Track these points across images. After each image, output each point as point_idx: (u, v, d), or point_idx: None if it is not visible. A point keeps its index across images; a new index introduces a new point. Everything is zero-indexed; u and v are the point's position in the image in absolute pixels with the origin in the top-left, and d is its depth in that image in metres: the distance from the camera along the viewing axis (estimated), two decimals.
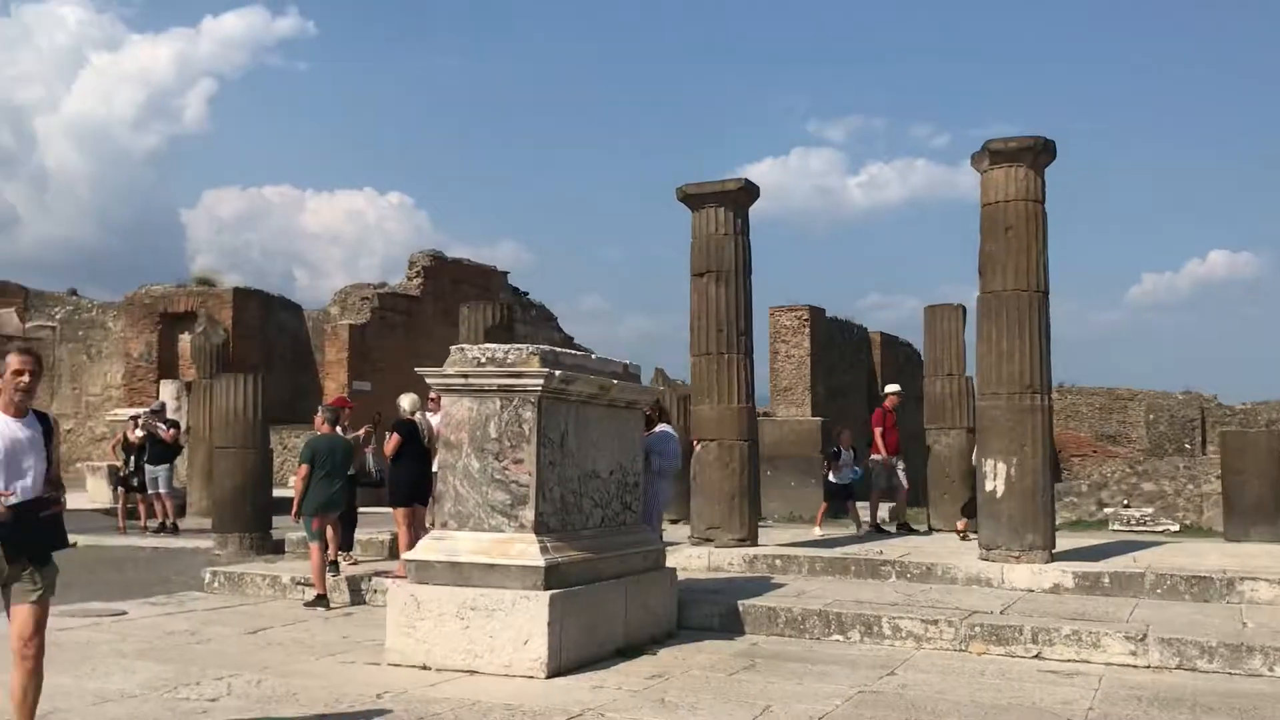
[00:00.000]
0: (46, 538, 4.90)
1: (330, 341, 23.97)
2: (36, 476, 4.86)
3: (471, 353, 7.56)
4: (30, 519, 4.77)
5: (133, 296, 28.95)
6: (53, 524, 4.94)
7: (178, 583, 11.49)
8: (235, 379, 13.33)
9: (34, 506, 4.80)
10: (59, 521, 4.98)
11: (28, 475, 4.83)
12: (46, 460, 4.95)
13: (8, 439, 4.83)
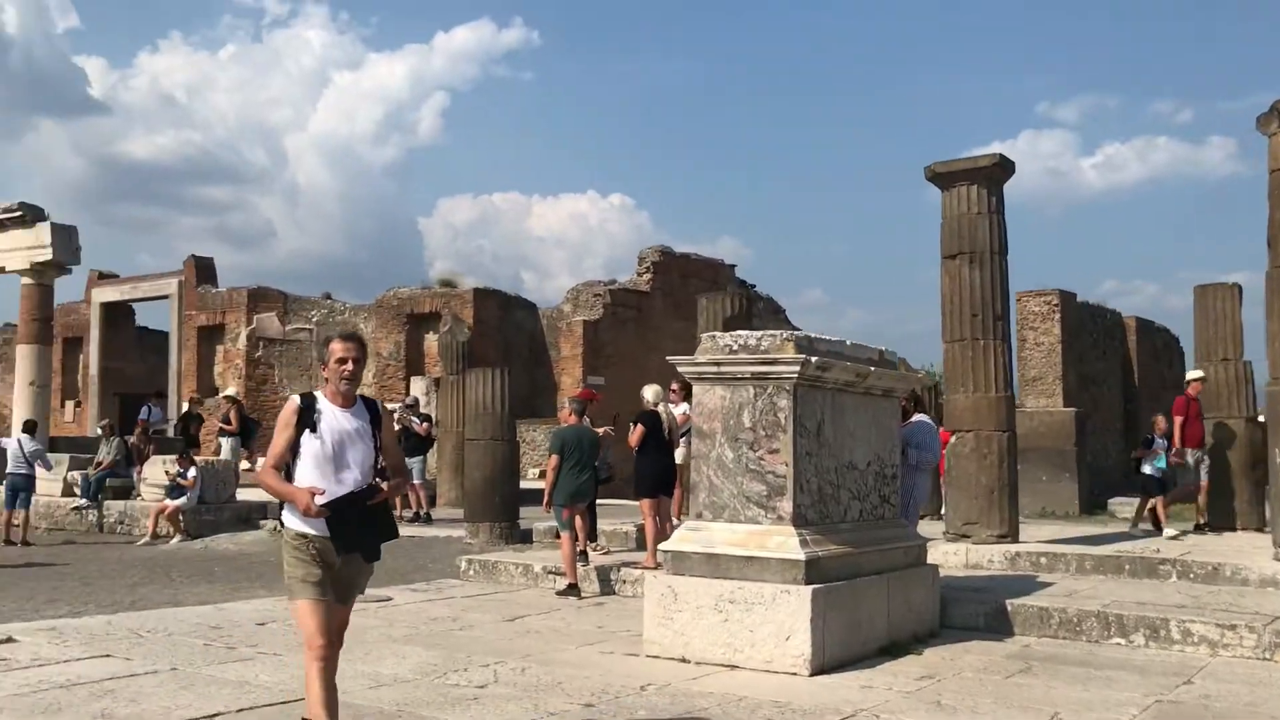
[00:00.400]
0: (375, 530, 4.64)
1: (565, 338, 24.44)
2: (365, 468, 4.62)
3: (723, 339, 7.39)
4: (359, 510, 4.51)
5: (382, 299, 30.43)
6: (382, 514, 4.66)
7: (435, 570, 11.88)
8: (484, 374, 13.69)
9: (361, 496, 4.52)
10: (388, 512, 4.72)
11: (355, 467, 4.59)
12: (375, 449, 4.71)
13: (335, 432, 4.59)
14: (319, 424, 4.57)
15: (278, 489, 4.56)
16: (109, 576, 11.58)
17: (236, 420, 17.22)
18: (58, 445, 18.93)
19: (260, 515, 16.28)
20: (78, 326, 36.49)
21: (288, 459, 4.59)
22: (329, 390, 4.71)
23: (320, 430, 4.56)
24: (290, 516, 4.61)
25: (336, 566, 4.60)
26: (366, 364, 4.82)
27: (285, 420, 4.63)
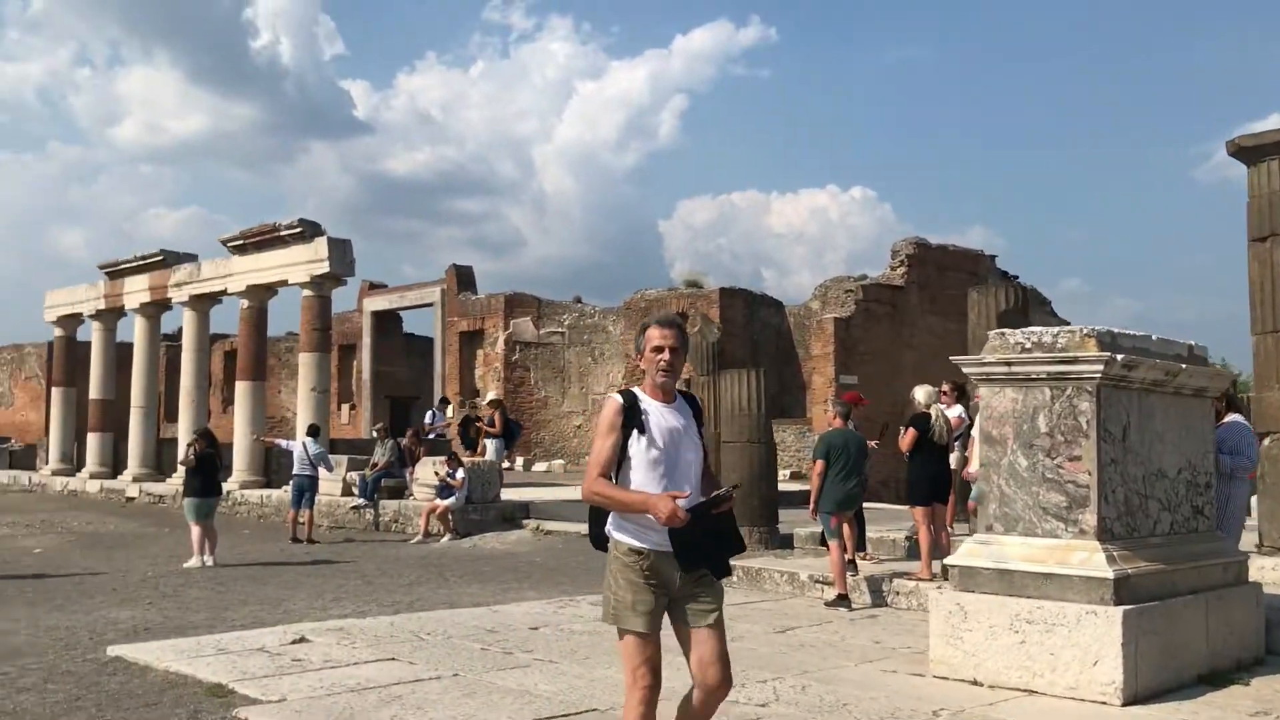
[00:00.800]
0: (726, 543, 4.07)
1: (815, 336, 23.93)
2: (696, 471, 4.12)
3: (1015, 337, 6.82)
4: (706, 522, 3.91)
5: (629, 301, 30.82)
6: (729, 524, 4.08)
7: None
8: (739, 374, 13.45)
9: (711, 504, 3.93)
10: (733, 522, 4.13)
11: (688, 471, 4.07)
12: (704, 450, 4.21)
13: (664, 430, 4.04)
14: (648, 424, 4.02)
15: (620, 499, 3.98)
16: (387, 574, 12.03)
17: (500, 422, 17.74)
18: (337, 447, 20.05)
19: (524, 515, 16.67)
20: (351, 334, 38.83)
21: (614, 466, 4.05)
22: (646, 385, 4.17)
23: (650, 431, 4.01)
24: (621, 530, 4.08)
25: (675, 586, 4.03)
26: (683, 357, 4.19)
27: (609, 422, 4.08)
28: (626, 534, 4.06)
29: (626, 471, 4.04)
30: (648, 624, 4.04)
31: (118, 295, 24.77)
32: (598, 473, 4.03)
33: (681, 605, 4.08)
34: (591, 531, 4.32)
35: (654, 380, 4.13)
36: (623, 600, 4.07)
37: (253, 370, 21.24)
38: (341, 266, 19.70)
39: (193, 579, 11.60)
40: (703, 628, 4.09)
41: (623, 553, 4.08)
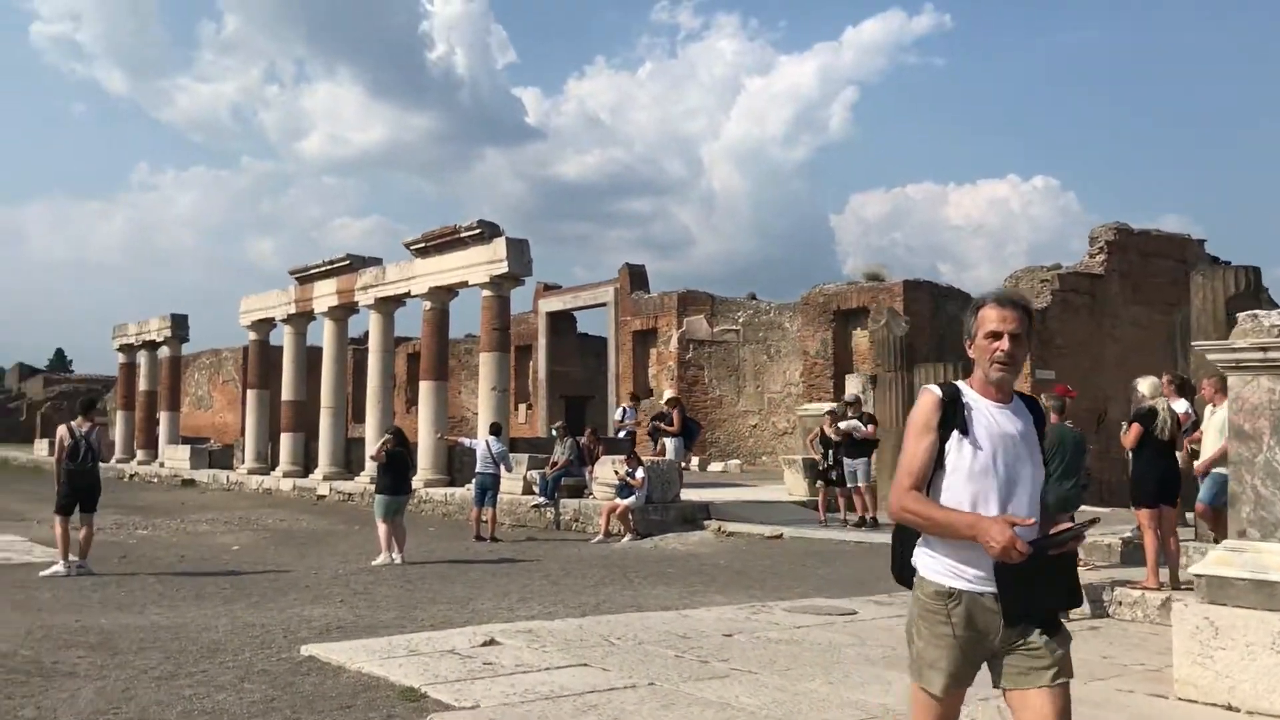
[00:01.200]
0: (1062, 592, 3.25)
1: None
2: (1034, 493, 3.27)
3: (1270, 320, 6.06)
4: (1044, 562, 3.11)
5: (807, 296, 30.13)
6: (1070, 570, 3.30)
7: (892, 580, 11.12)
8: (934, 369, 12.76)
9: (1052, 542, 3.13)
10: (1074, 566, 3.36)
11: (1024, 491, 3.24)
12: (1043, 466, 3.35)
13: (994, 435, 3.24)
14: (971, 426, 3.23)
15: (942, 519, 3.15)
16: (571, 574, 11.85)
17: (678, 421, 17.42)
18: (517, 446, 20.13)
19: (704, 515, 16.31)
20: (527, 335, 39.33)
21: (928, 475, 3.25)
22: (976, 379, 3.34)
23: (975, 434, 3.22)
24: (929, 564, 3.27)
25: (995, 638, 3.19)
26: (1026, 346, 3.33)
27: (923, 420, 3.28)
28: (934, 570, 3.25)
29: (940, 484, 3.24)
30: (949, 685, 3.25)
31: (307, 300, 25.62)
32: (910, 483, 3.23)
33: (1006, 659, 3.22)
34: (895, 561, 3.51)
35: (986, 373, 3.31)
36: (925, 655, 3.26)
37: (435, 370, 21.57)
38: (519, 266, 19.78)
39: (382, 576, 11.67)
40: (1038, 689, 3.19)
41: (928, 594, 3.26)
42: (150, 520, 18.68)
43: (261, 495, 25.31)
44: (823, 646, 7.40)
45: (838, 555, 13.08)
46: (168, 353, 33.89)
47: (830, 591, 10.38)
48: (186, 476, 29.60)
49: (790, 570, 12.04)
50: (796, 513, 16.85)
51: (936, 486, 3.25)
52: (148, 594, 10.17)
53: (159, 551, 13.97)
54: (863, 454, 15.19)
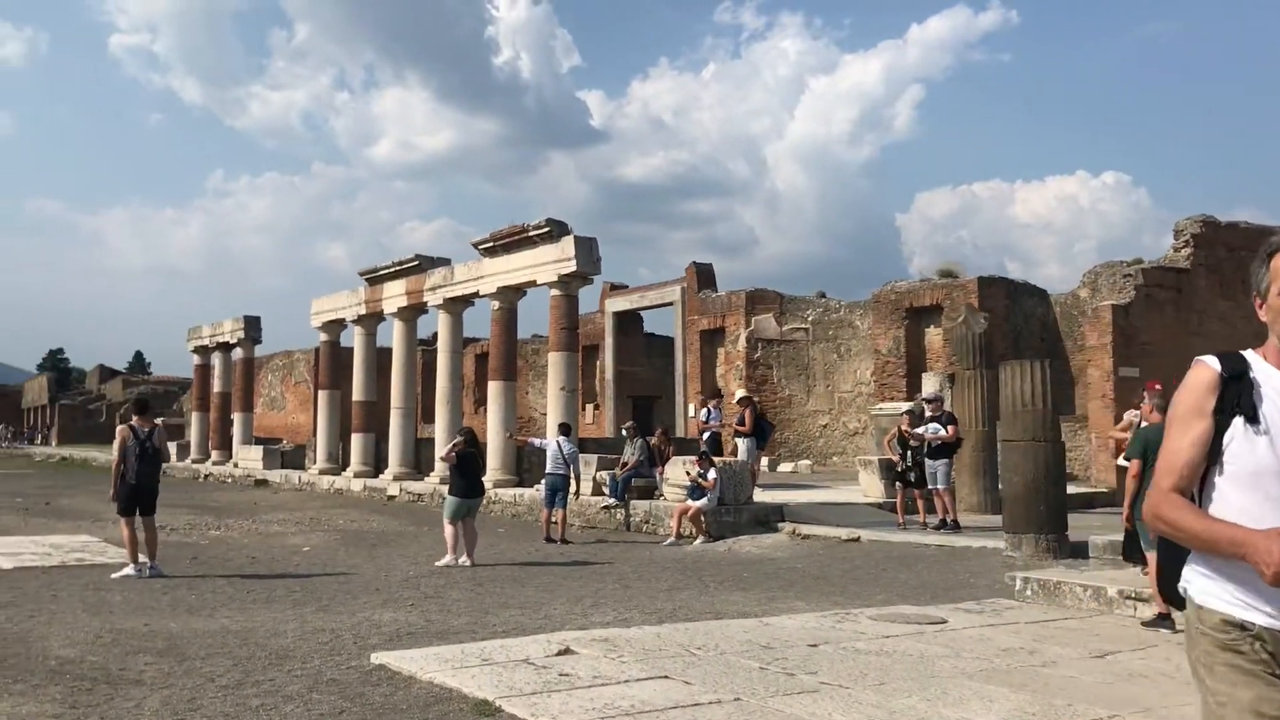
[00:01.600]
0: None
1: (1090, 325, 22.04)
2: None
3: None
4: None
5: (879, 294, 29.55)
6: None
7: (979, 587, 10.67)
8: (1019, 367, 12.25)
9: None
10: None
11: None
12: None
13: None
14: (1261, 410, 2.48)
15: (1195, 530, 2.44)
16: (644, 578, 11.55)
17: (751, 421, 17.04)
18: (585, 446, 19.90)
19: (778, 518, 15.92)
20: (593, 335, 39.15)
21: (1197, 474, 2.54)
22: (1270, 348, 2.57)
23: (1267, 420, 2.47)
24: (1207, 588, 2.53)
25: None
26: None
27: (1194, 403, 2.56)
28: (1216, 596, 2.51)
29: (1213, 484, 2.53)
30: None
31: (377, 300, 25.65)
32: (1170, 484, 2.52)
33: None
34: (1161, 578, 2.78)
35: None
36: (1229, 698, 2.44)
37: (504, 370, 21.42)
38: (588, 265, 19.54)
39: (453, 580, 11.46)
40: None
41: (1212, 626, 2.50)
42: (223, 521, 18.73)
43: (332, 495, 25.38)
44: (915, 658, 7.00)
45: (919, 559, 12.62)
46: (241, 354, 34.25)
47: (915, 598, 9.96)
48: (259, 477, 29.84)
49: (870, 575, 11.62)
50: (873, 515, 16.40)
51: (1208, 488, 2.54)
52: (218, 597, 10.05)
53: (230, 553, 13.92)
54: (944, 455, 14.70)
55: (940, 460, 14.66)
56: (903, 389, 28.41)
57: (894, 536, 14.42)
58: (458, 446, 13.51)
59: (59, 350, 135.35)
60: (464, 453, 13.28)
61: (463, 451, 13.30)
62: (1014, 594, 9.71)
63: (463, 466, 13.14)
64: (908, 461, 14.99)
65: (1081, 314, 26.79)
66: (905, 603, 9.68)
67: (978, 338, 17.79)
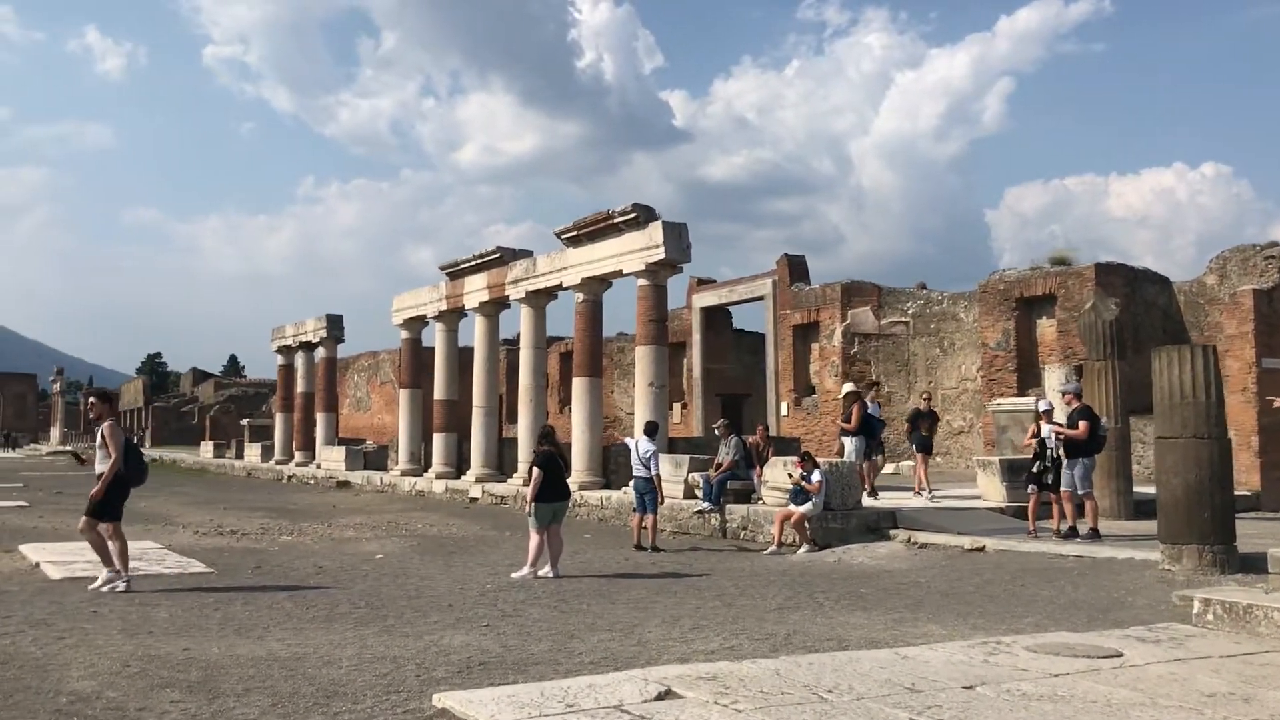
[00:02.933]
0: None
1: (1228, 313, 20.18)
2: None
3: None
4: None
5: (986, 284, 27.82)
6: None
7: (1138, 607, 9.19)
8: (1178, 353, 10.70)
9: None
10: None
11: None
12: None
13: None
14: None
15: None
16: (748, 594, 10.27)
17: (857, 417, 15.57)
18: (675, 446, 18.67)
19: (890, 524, 14.51)
20: (680, 331, 37.85)
21: None
22: None
23: None
24: None
25: None
26: None
27: None
28: None
29: None
30: None
31: (458, 295, 24.71)
32: None
33: None
34: None
35: None
36: None
37: (589, 365, 20.28)
38: (677, 252, 18.28)
39: (534, 594, 10.30)
40: None
41: None
42: (297, 524, 17.89)
43: (414, 498, 24.52)
44: (1100, 707, 5.62)
45: (1059, 573, 11.13)
46: (324, 353, 33.69)
47: (1069, 621, 8.54)
48: (341, 478, 29.17)
49: (1008, 591, 10.18)
50: (995, 520, 14.90)
51: None
52: (274, 614, 9.02)
53: (297, 561, 12.95)
54: (1080, 454, 13.15)
55: (1077, 461, 13.12)
56: (1013, 384, 26.65)
57: (1024, 546, 12.93)
58: (539, 448, 12.37)
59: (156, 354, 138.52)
60: (546, 453, 12.13)
61: (545, 452, 12.16)
62: (1191, 618, 8.22)
63: (545, 468, 11.98)
64: (1046, 461, 13.44)
65: (1209, 302, 24.79)
66: (1059, 626, 8.27)
67: (1108, 325, 16.17)
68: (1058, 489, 13.35)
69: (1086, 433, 13.29)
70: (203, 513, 20.25)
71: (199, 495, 25.96)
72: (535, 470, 12.00)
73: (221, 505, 22.32)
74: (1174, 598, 8.95)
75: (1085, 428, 13.32)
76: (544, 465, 11.98)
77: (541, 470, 11.92)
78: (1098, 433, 13.34)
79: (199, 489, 28.93)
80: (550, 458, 12.09)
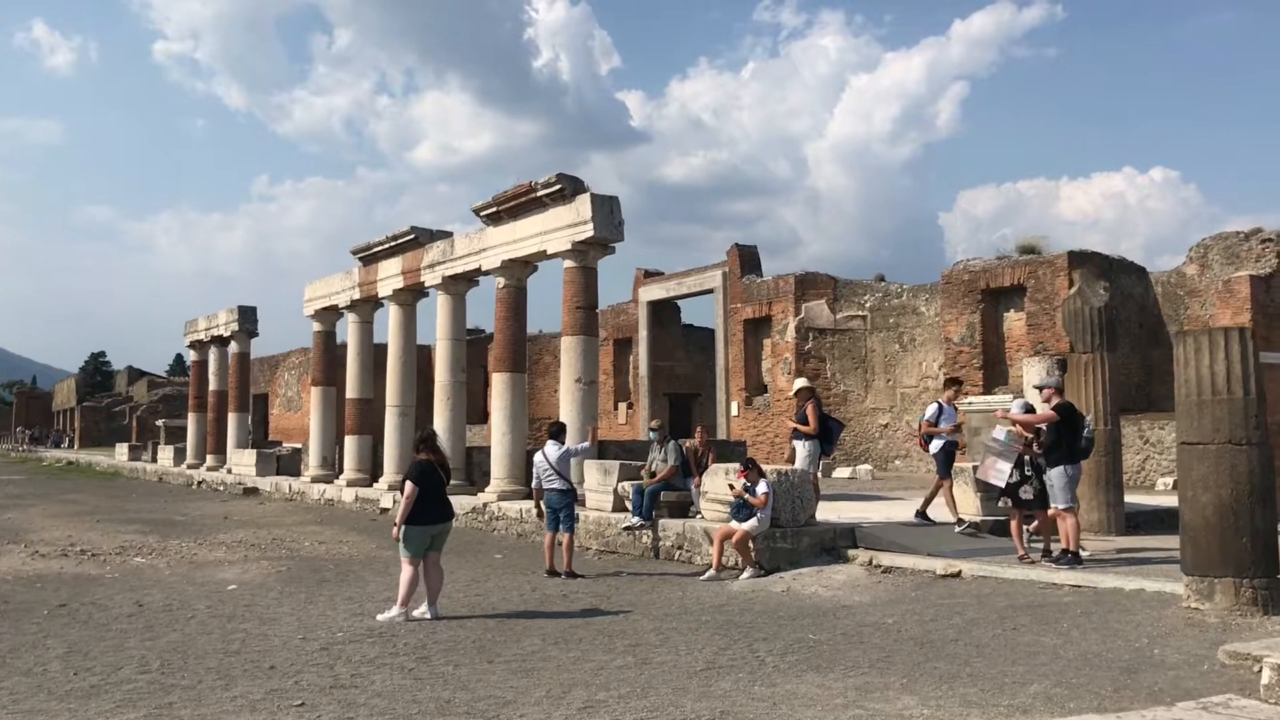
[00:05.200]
0: None
1: (1221, 302, 18.25)
2: None
3: None
4: None
5: (949, 274, 25.83)
6: None
7: (1174, 664, 7.03)
8: (1208, 339, 8.57)
9: None
10: None
11: None
12: None
13: None
14: None
15: None
16: (671, 643, 8.04)
17: (814, 418, 13.35)
18: (606, 450, 16.41)
19: (848, 543, 12.35)
20: (627, 327, 35.63)
21: None
22: None
23: None
24: None
25: None
26: None
27: None
28: None
29: None
30: None
31: (372, 283, 22.28)
32: None
33: None
34: None
35: None
36: None
37: (511, 360, 17.95)
38: (608, 229, 16.01)
39: (392, 649, 7.99)
40: None
41: None
42: (166, 542, 15.45)
43: (321, 507, 22.06)
44: None
45: (1057, 611, 8.99)
46: (236, 348, 31.04)
47: (1090, 689, 6.39)
48: (250, 484, 26.62)
49: (998, 639, 8.01)
50: (968, 538, 12.75)
51: None
52: (23, 684, 6.67)
53: (121, 595, 10.55)
54: (1059, 460, 11.00)
55: (1054, 470, 10.95)
56: (979, 381, 24.67)
57: (1008, 571, 10.80)
58: (416, 457, 10.03)
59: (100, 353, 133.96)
60: (423, 464, 9.80)
61: (422, 462, 9.82)
62: (1257, 688, 6.09)
63: (422, 482, 9.64)
64: (1024, 470, 11.23)
65: (1190, 294, 22.94)
66: (1079, 699, 6.14)
67: (1097, 313, 14.11)
68: (1042, 505, 11.17)
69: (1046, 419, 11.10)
70: (67, 526, 17.71)
71: (85, 504, 23.34)
72: (408, 485, 9.64)
73: (99, 516, 19.76)
74: (1222, 655, 6.85)
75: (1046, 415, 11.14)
76: (420, 479, 9.64)
77: (416, 485, 9.58)
78: (1081, 436, 11.18)
79: (93, 496, 26.27)
80: (428, 469, 9.75)
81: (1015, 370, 24.18)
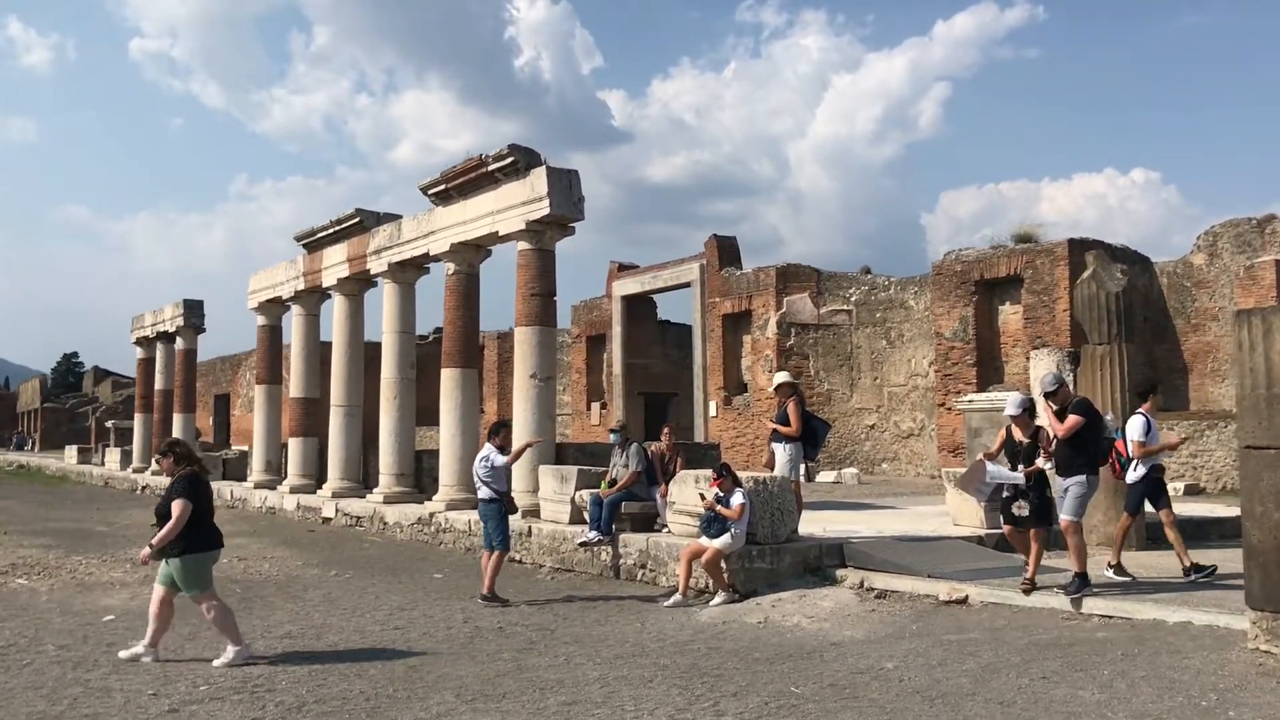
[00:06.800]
0: None
1: (1242, 289, 16.74)
2: None
3: None
4: None
5: (941, 265, 24.25)
6: None
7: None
8: (1278, 320, 6.96)
9: None
10: None
11: None
12: None
13: None
14: None
15: None
16: (617, 699, 6.41)
17: (796, 417, 11.64)
18: (563, 454, 14.71)
19: (835, 561, 10.72)
20: (600, 323, 33.96)
21: None
22: None
23: None
24: None
25: None
26: None
27: None
28: None
29: None
30: None
31: (316, 271, 20.54)
32: None
33: None
34: None
35: None
36: None
37: (462, 354, 16.26)
38: (566, 206, 14.33)
39: (261, 708, 6.30)
40: None
41: None
42: (69, 557, 13.72)
43: (262, 516, 20.32)
44: None
45: (1091, 651, 7.37)
46: (182, 344, 29.22)
47: None
48: None
49: (1026, 692, 6.38)
50: (972, 554, 11.12)
51: None
52: None
53: None
54: (1076, 470, 9.24)
55: (1073, 480, 9.21)
56: (972, 380, 23.11)
57: (1021, 599, 9.18)
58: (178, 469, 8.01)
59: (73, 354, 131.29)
60: (191, 476, 7.87)
61: (189, 475, 7.86)
62: None
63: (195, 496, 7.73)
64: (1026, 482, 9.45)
65: (1197, 284, 21.41)
66: None
67: (1113, 299, 12.55)
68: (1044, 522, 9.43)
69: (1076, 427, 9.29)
70: None
71: (6, 512, 21.52)
72: (180, 502, 7.65)
73: (9, 528, 17.97)
74: None
75: (1075, 421, 9.34)
76: (192, 492, 7.80)
77: (190, 501, 7.72)
78: (1100, 439, 9.41)
79: (21, 503, 24.45)
80: (197, 482, 7.95)
81: (1011, 366, 22.65)
